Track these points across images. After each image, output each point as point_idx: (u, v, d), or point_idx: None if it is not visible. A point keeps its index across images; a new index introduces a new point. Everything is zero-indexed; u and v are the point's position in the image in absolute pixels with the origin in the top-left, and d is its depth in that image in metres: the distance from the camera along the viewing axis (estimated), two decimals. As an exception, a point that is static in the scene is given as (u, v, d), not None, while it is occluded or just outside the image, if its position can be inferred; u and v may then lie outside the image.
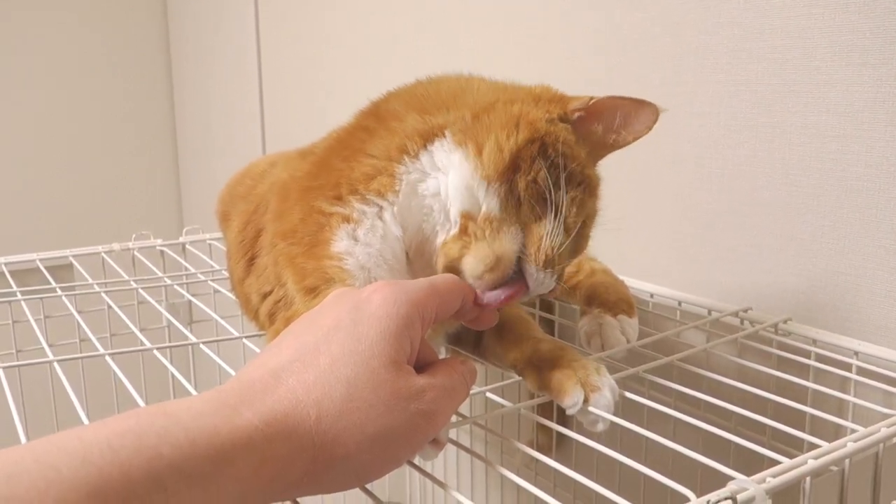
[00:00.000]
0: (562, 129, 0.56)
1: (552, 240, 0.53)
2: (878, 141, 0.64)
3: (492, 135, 0.54)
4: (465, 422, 0.54)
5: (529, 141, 0.54)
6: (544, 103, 0.57)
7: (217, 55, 1.91)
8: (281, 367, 0.42)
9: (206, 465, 0.35)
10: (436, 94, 0.59)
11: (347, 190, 0.57)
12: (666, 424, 0.56)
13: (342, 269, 0.56)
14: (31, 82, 2.03)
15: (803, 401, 0.67)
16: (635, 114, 0.57)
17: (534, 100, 0.57)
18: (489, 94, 0.58)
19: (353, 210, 0.57)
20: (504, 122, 0.55)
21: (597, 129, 0.58)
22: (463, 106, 0.57)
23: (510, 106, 0.56)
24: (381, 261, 0.57)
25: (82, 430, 0.35)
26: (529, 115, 0.55)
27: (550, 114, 0.56)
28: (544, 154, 0.54)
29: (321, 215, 0.57)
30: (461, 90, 0.59)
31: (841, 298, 0.69)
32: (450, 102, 0.58)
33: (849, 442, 0.46)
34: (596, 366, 0.55)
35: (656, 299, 0.82)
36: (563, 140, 0.55)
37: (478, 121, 0.55)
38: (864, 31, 0.64)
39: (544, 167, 0.54)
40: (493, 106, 0.56)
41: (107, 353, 0.68)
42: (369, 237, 0.56)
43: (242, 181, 0.79)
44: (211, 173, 2.04)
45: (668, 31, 0.80)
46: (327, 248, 0.57)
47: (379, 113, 0.60)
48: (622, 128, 0.58)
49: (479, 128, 0.55)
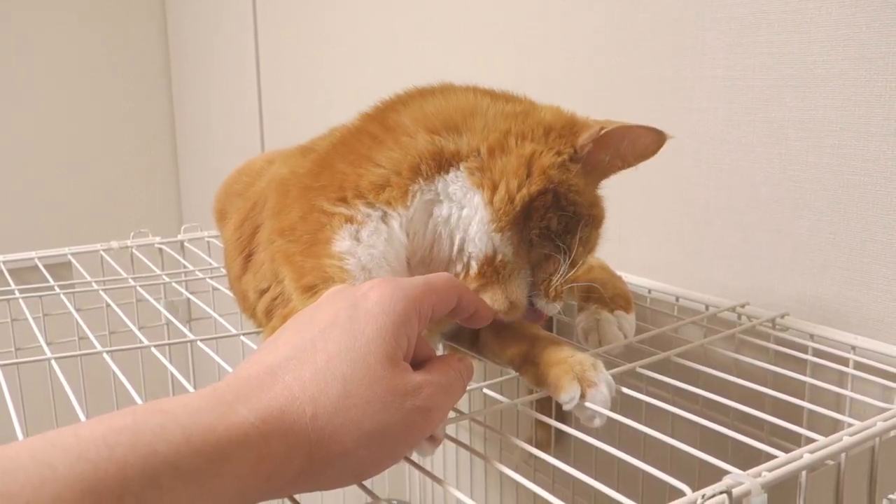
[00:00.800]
0: (573, 174, 0.57)
1: (562, 277, 0.57)
2: (876, 136, 0.64)
3: (503, 181, 0.56)
4: (463, 418, 0.54)
5: (542, 192, 0.56)
6: (555, 138, 0.58)
7: (216, 54, 1.91)
8: (277, 363, 0.42)
9: (202, 462, 0.36)
10: (445, 112, 0.59)
11: (353, 194, 0.57)
12: (664, 420, 0.56)
13: (342, 269, 0.56)
14: (31, 81, 2.03)
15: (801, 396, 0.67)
16: (642, 140, 0.59)
17: (545, 133, 0.58)
18: (500, 122, 0.58)
19: (357, 212, 0.57)
20: (516, 167, 0.56)
21: (604, 157, 0.59)
22: (474, 132, 0.58)
23: (522, 146, 0.57)
24: (384, 262, 0.57)
25: (78, 427, 0.35)
26: (542, 160, 0.56)
27: (561, 155, 0.57)
28: (556, 204, 0.56)
29: (322, 214, 0.57)
30: (471, 111, 0.59)
31: (838, 293, 0.69)
32: (460, 124, 0.58)
33: (845, 436, 0.46)
34: (593, 361, 0.56)
35: (654, 295, 0.82)
36: (574, 187, 0.57)
37: (492, 158, 0.56)
38: (860, 25, 0.64)
39: (556, 216, 0.56)
40: (507, 142, 0.57)
41: (105, 351, 0.68)
42: (373, 239, 0.56)
43: (239, 179, 0.79)
44: (210, 171, 2.04)
45: (667, 28, 0.80)
46: (328, 247, 0.57)
47: (386, 122, 0.60)
48: (629, 154, 0.59)
49: (494, 169, 0.56)
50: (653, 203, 0.85)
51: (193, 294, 0.95)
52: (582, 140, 0.57)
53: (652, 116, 0.83)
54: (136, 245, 1.08)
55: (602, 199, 0.62)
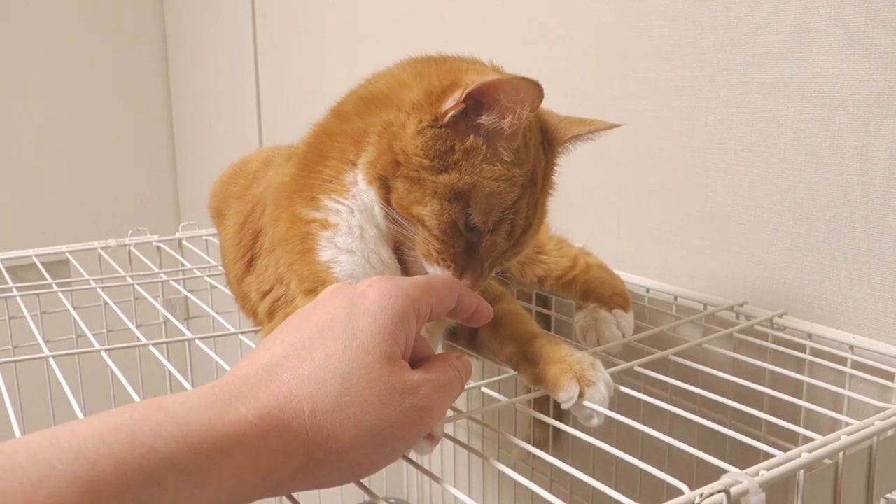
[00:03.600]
0: (441, 140, 0.53)
1: (426, 244, 0.55)
2: (873, 135, 0.64)
3: (373, 160, 0.55)
4: (461, 416, 0.54)
5: (393, 164, 0.54)
6: (423, 107, 0.54)
7: (214, 51, 1.91)
8: (275, 361, 0.42)
9: (200, 460, 0.35)
10: (372, 92, 0.59)
11: (318, 191, 0.58)
12: (662, 419, 0.56)
13: (332, 275, 0.58)
14: (29, 79, 2.03)
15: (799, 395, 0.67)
16: (516, 92, 0.52)
17: (419, 102, 0.54)
18: (396, 95, 0.57)
19: (328, 213, 0.58)
20: (377, 142, 0.55)
21: (487, 118, 0.53)
22: (387, 110, 0.56)
23: (386, 118, 0.55)
24: (369, 268, 0.58)
25: (76, 425, 0.35)
26: (391, 131, 0.55)
27: (422, 122, 0.54)
28: (416, 173, 0.54)
29: (303, 223, 0.59)
30: (388, 89, 0.58)
31: (836, 292, 0.69)
32: (381, 104, 0.57)
33: (842, 435, 0.46)
34: (591, 360, 0.56)
35: (653, 294, 0.82)
36: (426, 153, 0.53)
37: (377, 136, 0.56)
38: (858, 24, 0.64)
39: (419, 185, 0.54)
40: (386, 117, 0.56)
41: (102, 349, 0.68)
42: (349, 242, 0.57)
43: (236, 181, 0.79)
44: (208, 169, 2.03)
45: (665, 26, 0.80)
46: (314, 256, 0.58)
47: (340, 112, 0.61)
48: (511, 109, 0.52)
49: (372, 148, 0.56)
50: (651, 202, 0.85)
51: (191, 292, 0.95)
52: (444, 106, 0.53)
53: (649, 115, 0.83)
54: (133, 243, 1.08)
55: (524, 167, 0.55)
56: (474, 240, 0.55)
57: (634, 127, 0.85)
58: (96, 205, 2.13)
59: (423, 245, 0.55)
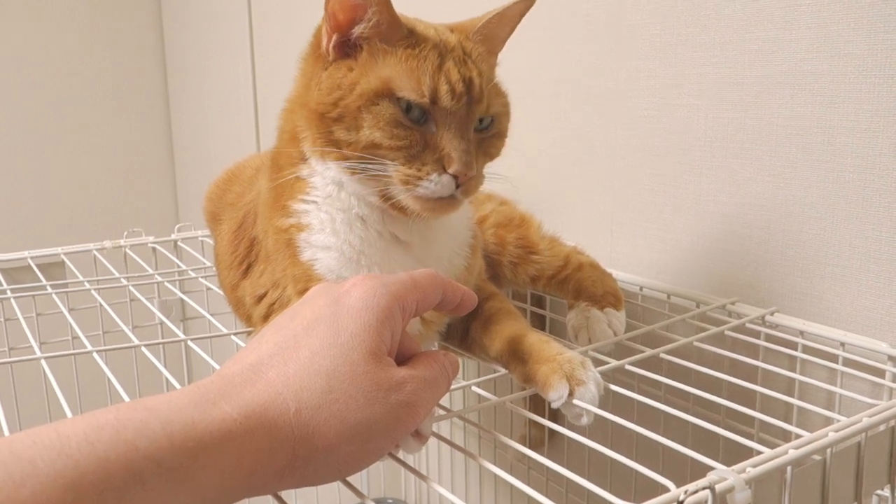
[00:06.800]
0: (331, 71, 0.57)
1: (397, 171, 0.56)
2: (864, 132, 0.64)
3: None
4: (450, 415, 0.54)
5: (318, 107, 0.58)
6: (315, 63, 0.60)
7: (212, 54, 1.91)
8: (261, 360, 0.42)
9: (184, 458, 0.36)
10: (287, 99, 0.65)
11: (286, 198, 0.61)
12: (655, 417, 0.56)
13: (317, 273, 0.59)
14: (25, 81, 2.03)
15: (791, 392, 0.68)
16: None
17: (310, 70, 0.60)
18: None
19: (298, 215, 0.60)
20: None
21: (360, 27, 0.56)
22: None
23: (306, 105, 0.60)
24: (344, 260, 0.59)
25: (60, 425, 0.35)
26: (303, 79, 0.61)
27: (320, 72, 0.58)
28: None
29: (283, 232, 0.61)
30: (294, 86, 0.63)
31: (828, 289, 0.69)
32: (293, 99, 0.63)
33: (830, 432, 0.46)
34: (581, 359, 0.56)
35: (646, 292, 0.82)
36: (328, 85, 0.57)
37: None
38: (848, 21, 0.64)
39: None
40: (304, 104, 0.60)
41: (95, 350, 0.68)
42: (322, 239, 0.59)
43: (230, 187, 0.80)
44: (206, 170, 2.04)
45: (656, 24, 0.80)
46: (298, 259, 0.60)
47: (277, 127, 0.65)
48: (370, 5, 0.55)
49: None
50: (644, 200, 0.85)
51: (187, 294, 0.95)
52: (323, 46, 0.59)
53: (640, 113, 0.83)
54: (129, 244, 1.08)
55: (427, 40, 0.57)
56: (431, 129, 0.56)
57: (626, 125, 0.85)
58: (93, 206, 2.14)
59: (396, 175, 0.56)
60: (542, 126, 0.97)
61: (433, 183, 0.55)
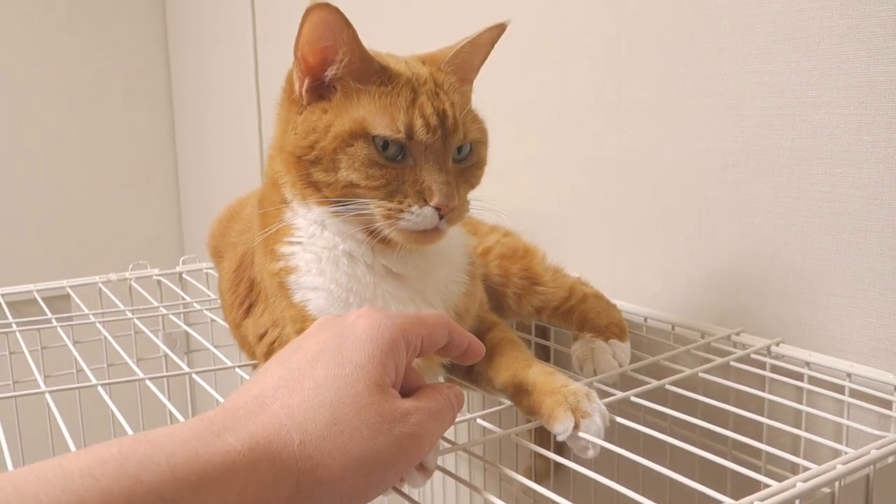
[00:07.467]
0: (305, 115, 0.58)
1: (378, 207, 0.57)
2: (864, 163, 0.65)
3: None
4: (454, 448, 0.54)
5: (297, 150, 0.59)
6: (291, 108, 0.61)
7: (218, 86, 1.93)
8: (265, 392, 0.42)
9: (187, 491, 0.35)
10: (270, 147, 0.65)
11: (273, 242, 0.62)
12: (661, 449, 0.56)
13: (310, 314, 0.60)
14: (31, 111, 2.04)
15: (797, 424, 0.67)
16: (325, 26, 0.55)
17: (286, 116, 0.61)
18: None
19: (286, 259, 0.61)
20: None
21: (331, 68, 0.57)
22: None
23: (283, 150, 0.61)
24: (332, 299, 0.59)
25: (63, 459, 0.35)
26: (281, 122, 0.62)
27: (296, 117, 0.59)
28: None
29: (275, 276, 0.62)
30: (274, 135, 0.65)
31: (833, 320, 0.69)
32: (273, 146, 0.64)
33: (838, 465, 0.46)
34: (586, 391, 0.55)
35: (650, 323, 0.82)
36: (304, 128, 0.58)
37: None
38: (847, 54, 0.65)
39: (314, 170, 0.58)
40: (282, 148, 0.61)
41: (99, 384, 0.68)
42: (310, 280, 0.60)
43: (232, 225, 0.80)
44: (212, 203, 2.05)
45: (656, 56, 0.81)
46: (292, 300, 0.61)
47: (264, 174, 0.66)
48: (339, 45, 0.56)
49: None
50: (647, 231, 0.85)
51: (191, 326, 0.95)
52: (296, 91, 0.59)
53: (640, 144, 0.84)
54: (134, 277, 1.08)
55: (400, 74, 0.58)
56: (409, 162, 0.56)
57: (628, 157, 0.86)
58: (99, 239, 2.14)
59: (378, 210, 0.56)
60: (544, 158, 0.97)
61: (415, 215, 0.55)
